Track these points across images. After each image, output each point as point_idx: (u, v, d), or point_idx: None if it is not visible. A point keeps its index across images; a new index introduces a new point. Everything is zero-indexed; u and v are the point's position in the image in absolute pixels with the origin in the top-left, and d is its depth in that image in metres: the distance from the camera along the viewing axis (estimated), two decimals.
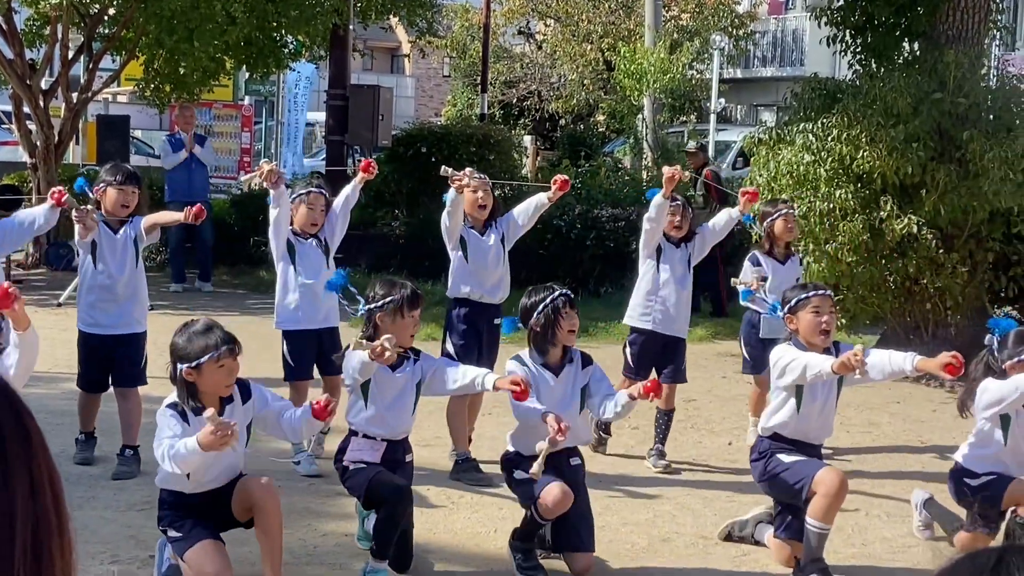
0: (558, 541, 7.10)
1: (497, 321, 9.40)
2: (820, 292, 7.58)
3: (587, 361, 7.40)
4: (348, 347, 6.99)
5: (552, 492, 6.71)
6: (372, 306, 7.06)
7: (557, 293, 7.26)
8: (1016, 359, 7.10)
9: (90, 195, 8.98)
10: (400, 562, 6.89)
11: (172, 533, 6.39)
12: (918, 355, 7.27)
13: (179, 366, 6.29)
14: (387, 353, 6.42)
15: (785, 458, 7.25)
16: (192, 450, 5.91)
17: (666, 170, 9.42)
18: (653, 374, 8.75)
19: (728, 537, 7.75)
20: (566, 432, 6.51)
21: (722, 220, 9.58)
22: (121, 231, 8.71)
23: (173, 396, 6.42)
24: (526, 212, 9.26)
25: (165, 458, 6.11)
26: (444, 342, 9.14)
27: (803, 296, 7.45)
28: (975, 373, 7.44)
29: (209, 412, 5.86)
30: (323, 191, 9.20)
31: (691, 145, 20.77)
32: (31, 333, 6.11)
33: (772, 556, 7.44)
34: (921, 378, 12.50)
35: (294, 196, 8.96)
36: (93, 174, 11.13)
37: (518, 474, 6.96)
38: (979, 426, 7.40)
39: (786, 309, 7.56)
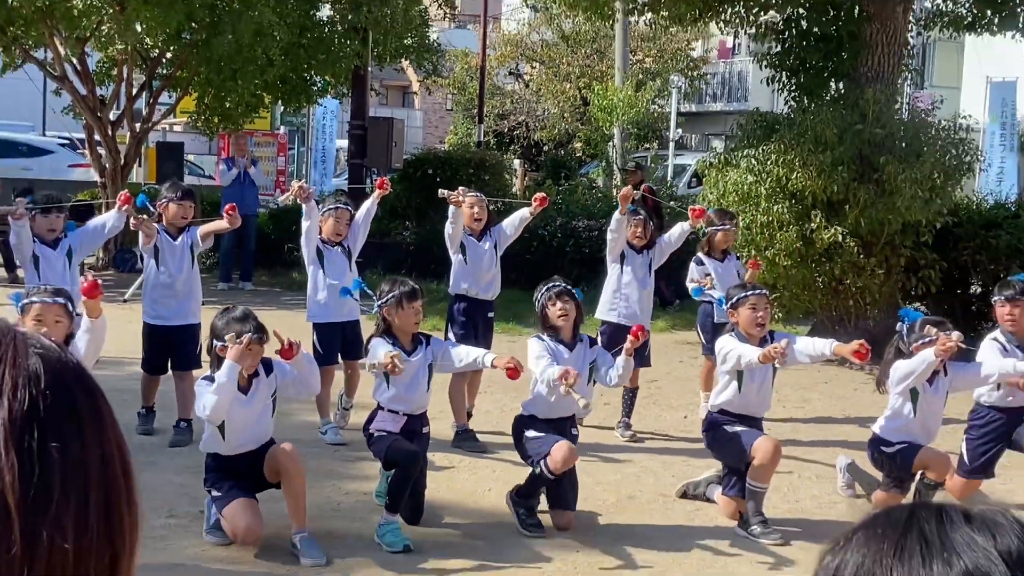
0: (549, 499, 7.13)
1: (491, 315, 9.51)
2: (757, 292, 7.72)
3: (593, 343, 7.52)
4: (369, 339, 7.10)
5: (562, 449, 6.77)
6: (379, 302, 7.14)
7: (550, 285, 7.37)
8: (920, 341, 7.15)
9: (150, 209, 9.01)
10: (413, 515, 6.94)
11: (214, 492, 6.47)
12: (836, 341, 7.39)
13: (215, 343, 6.40)
14: (397, 368, 6.56)
15: (730, 429, 7.33)
16: (227, 372, 6.13)
17: (623, 190, 9.68)
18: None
19: (684, 495, 7.79)
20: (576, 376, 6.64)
21: (676, 232, 9.67)
22: (180, 238, 8.79)
23: (207, 371, 6.54)
24: (513, 224, 9.45)
25: (206, 406, 6.24)
26: (446, 332, 9.16)
27: (743, 295, 7.56)
28: (888, 355, 7.50)
29: (230, 336, 6.12)
30: (348, 206, 9.29)
31: (630, 164, 20.90)
32: (101, 321, 6.28)
33: (720, 511, 7.47)
34: (844, 361, 12.48)
35: (323, 210, 9.03)
36: (153, 192, 11.09)
37: (530, 433, 7.05)
38: (892, 401, 7.44)
39: (728, 305, 7.70)
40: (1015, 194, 17.64)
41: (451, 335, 8.94)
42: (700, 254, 10.01)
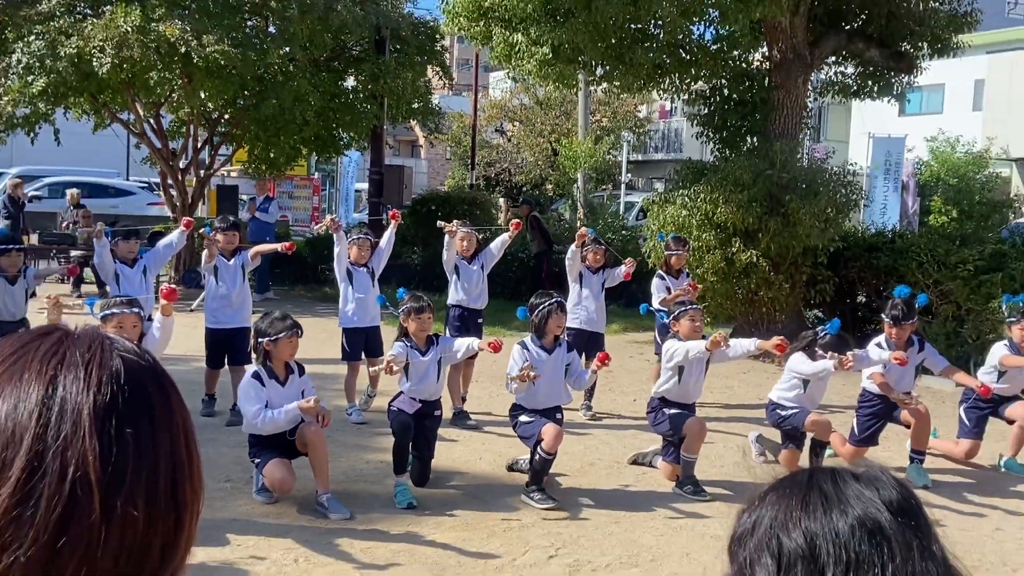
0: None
1: (480, 320, 9.54)
2: (694, 307, 7.73)
3: (570, 348, 7.46)
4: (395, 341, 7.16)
5: (549, 431, 6.74)
6: (396, 312, 7.27)
7: (552, 301, 7.26)
8: (829, 352, 7.20)
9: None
10: (421, 479, 6.96)
11: (256, 460, 6.50)
12: (759, 340, 7.39)
13: (260, 340, 6.49)
14: (395, 370, 6.70)
15: (668, 411, 7.38)
16: (291, 417, 6.26)
17: (581, 230, 9.73)
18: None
19: (634, 462, 7.83)
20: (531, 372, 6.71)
21: (619, 272, 9.61)
22: (233, 259, 8.84)
23: (252, 368, 6.59)
24: (497, 245, 9.56)
25: (259, 425, 6.32)
26: (446, 334, 9.19)
27: (683, 310, 7.57)
28: (796, 346, 7.54)
29: (311, 402, 6.23)
30: (369, 236, 9.37)
31: (522, 200, 21.17)
32: (171, 319, 6.43)
33: (662, 474, 7.48)
34: (759, 357, 12.58)
35: (350, 239, 9.08)
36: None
37: (523, 418, 6.99)
38: (788, 377, 7.58)
39: (671, 317, 7.70)
40: (893, 224, 17.72)
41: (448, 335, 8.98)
42: (660, 271, 10.05)
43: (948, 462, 8.22)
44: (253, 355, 6.68)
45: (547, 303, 7.21)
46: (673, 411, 7.39)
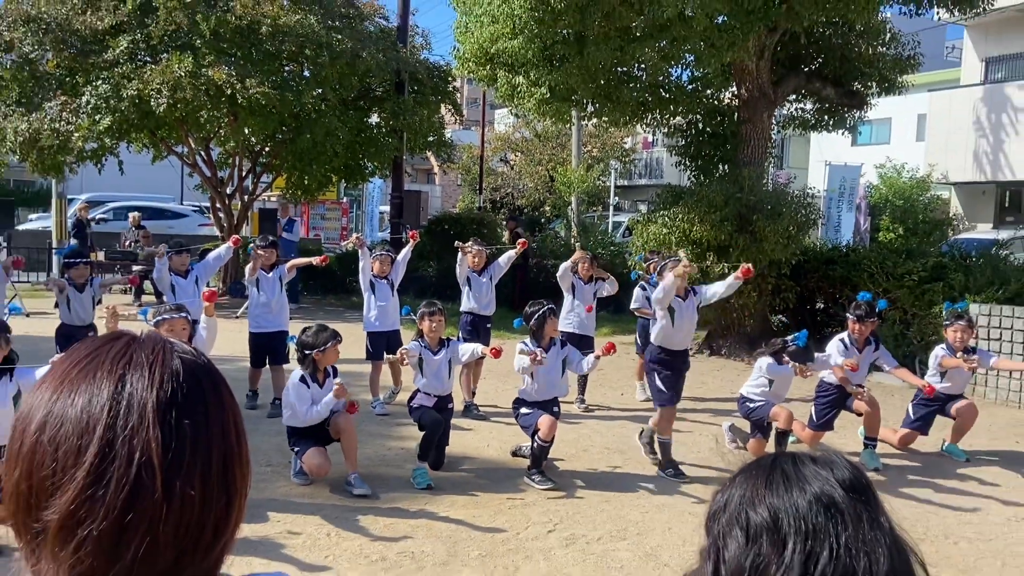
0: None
1: (489, 325, 9.54)
2: (674, 259, 7.54)
3: (564, 344, 7.41)
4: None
5: (545, 421, 6.75)
6: (414, 317, 7.26)
7: (546, 307, 7.18)
8: (800, 363, 7.17)
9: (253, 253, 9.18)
10: (437, 463, 6.94)
11: (296, 448, 6.52)
12: (733, 276, 7.31)
13: (308, 352, 6.48)
14: (405, 360, 6.84)
15: (659, 378, 7.25)
16: (327, 404, 6.29)
17: (578, 254, 9.73)
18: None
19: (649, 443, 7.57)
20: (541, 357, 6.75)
21: (608, 286, 9.57)
22: (272, 272, 8.87)
23: (298, 372, 6.57)
24: (505, 260, 9.53)
25: (309, 415, 6.37)
26: (459, 337, 9.19)
27: (666, 262, 7.62)
28: (766, 351, 7.47)
29: (337, 385, 6.31)
30: (390, 253, 9.39)
31: (508, 217, 21.25)
32: (214, 320, 6.46)
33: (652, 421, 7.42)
34: (731, 355, 12.60)
35: (373, 255, 9.12)
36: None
37: (523, 410, 6.99)
38: (756, 376, 7.50)
39: (657, 269, 7.73)
40: (847, 240, 17.72)
41: (460, 338, 8.97)
42: (642, 283, 9.85)
43: (897, 454, 8.21)
44: (300, 364, 6.61)
45: (541, 310, 7.15)
46: (661, 384, 7.24)
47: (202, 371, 1.05)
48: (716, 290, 7.46)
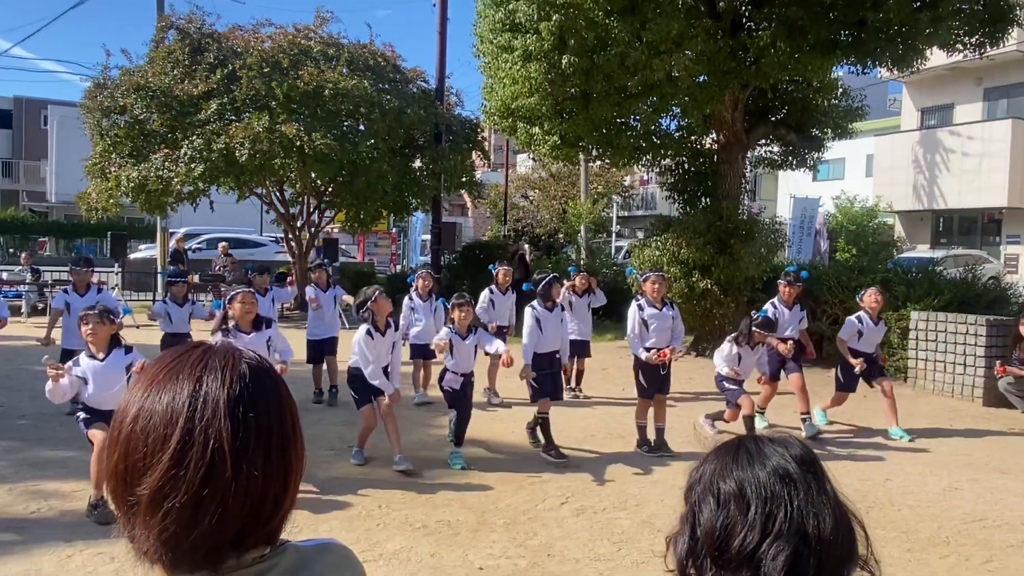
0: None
1: (507, 333, 9.39)
2: (658, 272, 7.39)
3: (563, 308, 7.41)
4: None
5: (545, 402, 6.89)
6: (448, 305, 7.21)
7: (551, 275, 7.20)
8: (769, 332, 7.21)
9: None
10: (458, 436, 6.81)
11: (355, 396, 6.53)
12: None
13: (366, 304, 6.47)
14: (442, 346, 6.67)
15: (643, 378, 7.11)
16: (379, 382, 6.35)
17: (578, 280, 9.50)
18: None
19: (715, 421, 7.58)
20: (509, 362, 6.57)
21: (598, 298, 9.56)
22: (328, 291, 8.95)
23: (364, 327, 6.50)
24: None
25: (370, 375, 6.35)
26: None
27: (647, 275, 7.31)
28: (737, 333, 7.32)
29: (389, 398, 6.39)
30: (431, 271, 9.38)
31: (513, 240, 21.22)
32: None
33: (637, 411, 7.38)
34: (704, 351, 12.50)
35: (417, 273, 9.17)
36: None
37: (535, 377, 6.95)
38: (725, 354, 7.28)
39: (642, 278, 7.44)
40: (808, 260, 17.58)
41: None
42: (638, 297, 9.69)
43: (852, 430, 8.11)
44: (366, 321, 6.52)
45: (547, 277, 7.18)
46: (645, 381, 7.10)
47: (264, 373, 1.07)
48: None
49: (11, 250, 33.17)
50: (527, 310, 7.10)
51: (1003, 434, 8.21)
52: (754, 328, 7.18)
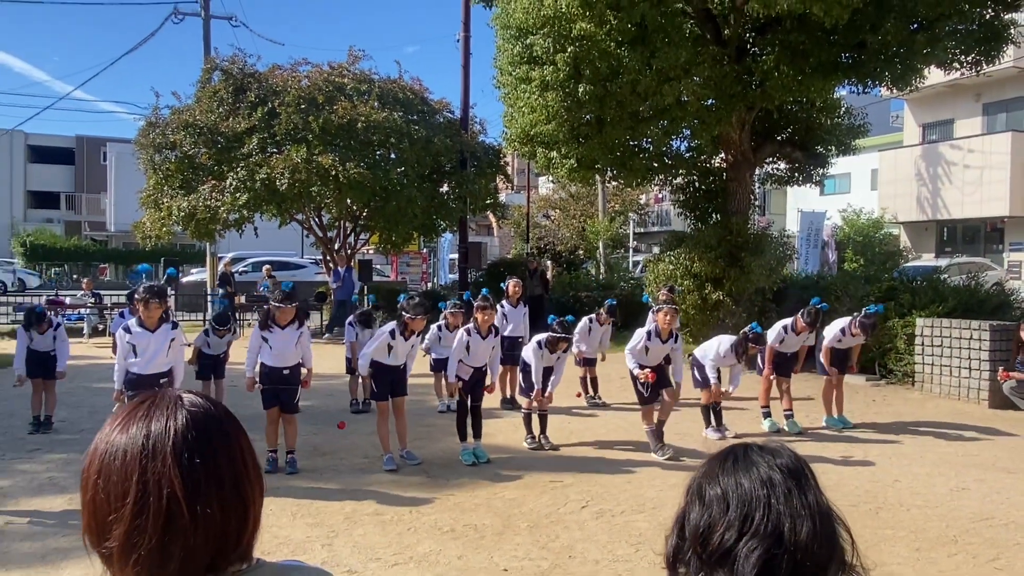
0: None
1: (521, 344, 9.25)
2: (669, 305, 7.48)
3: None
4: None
5: (537, 400, 7.09)
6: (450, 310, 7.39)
7: (558, 336, 7.10)
8: (759, 344, 7.38)
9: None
10: (477, 431, 6.83)
11: (374, 389, 6.61)
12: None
13: (404, 314, 6.49)
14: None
15: (640, 386, 7.12)
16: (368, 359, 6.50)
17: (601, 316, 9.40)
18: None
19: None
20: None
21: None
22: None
23: (390, 325, 6.61)
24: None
25: (369, 346, 6.57)
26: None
27: (660, 307, 7.36)
28: (736, 341, 7.53)
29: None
30: (460, 308, 8.16)
31: (532, 256, 21.15)
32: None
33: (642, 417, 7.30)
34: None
35: (448, 311, 8.19)
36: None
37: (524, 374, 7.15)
38: (714, 351, 7.52)
39: (655, 308, 7.50)
40: (815, 271, 17.37)
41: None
42: (649, 327, 9.41)
43: (862, 432, 7.95)
44: (397, 323, 6.56)
45: (555, 337, 7.08)
46: (641, 389, 7.13)
47: (207, 417, 1.06)
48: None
49: (74, 276, 33.84)
50: (533, 348, 7.26)
51: (1009, 435, 8.00)
52: (750, 344, 7.37)
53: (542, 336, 7.29)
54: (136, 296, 5.93)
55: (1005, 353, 9.30)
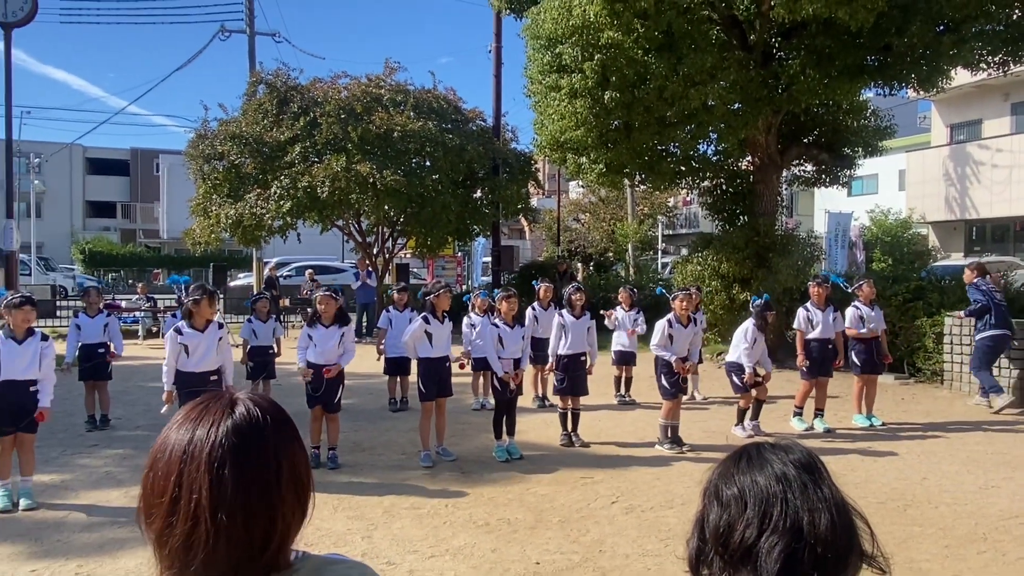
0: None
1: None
2: (685, 291, 7.38)
3: (592, 316, 7.38)
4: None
5: (566, 399, 7.09)
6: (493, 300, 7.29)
7: (572, 287, 7.22)
8: (770, 311, 7.54)
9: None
10: (511, 429, 6.84)
11: (422, 390, 6.60)
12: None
13: (428, 297, 6.67)
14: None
15: (667, 379, 7.07)
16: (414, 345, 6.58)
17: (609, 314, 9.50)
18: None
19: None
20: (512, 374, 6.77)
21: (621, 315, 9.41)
22: (404, 311, 8.83)
23: (420, 316, 6.73)
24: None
25: (406, 335, 6.68)
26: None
27: (676, 294, 7.30)
28: (752, 319, 7.49)
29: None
30: (490, 298, 8.71)
31: (559, 259, 21.02)
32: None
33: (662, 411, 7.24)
34: None
35: (479, 297, 8.72)
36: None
37: (557, 375, 7.16)
38: (740, 342, 7.45)
39: (671, 296, 7.38)
40: (843, 270, 17.06)
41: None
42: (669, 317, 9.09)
43: (889, 430, 7.78)
44: (424, 308, 6.70)
45: (571, 288, 7.22)
46: (666, 383, 7.08)
47: (251, 428, 1.05)
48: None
49: (130, 281, 34.64)
50: (555, 319, 7.28)
51: None
52: (764, 312, 7.39)
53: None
54: (188, 297, 6.06)
55: None
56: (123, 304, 17.41)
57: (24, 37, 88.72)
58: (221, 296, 19.69)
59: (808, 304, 7.95)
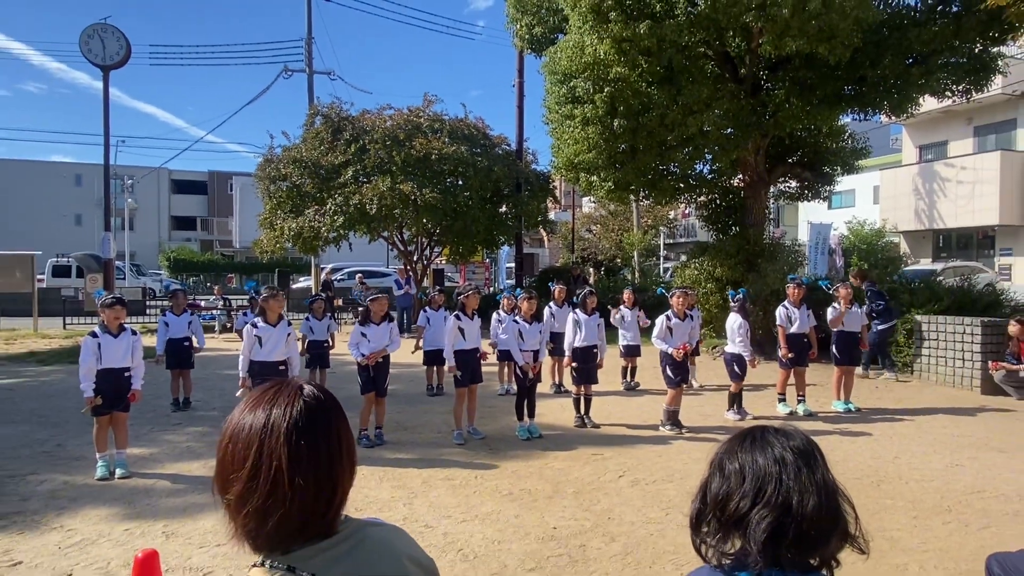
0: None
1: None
2: (682, 288, 7.23)
3: (602, 314, 7.23)
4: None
5: (579, 387, 6.98)
6: (517, 296, 7.14)
7: (586, 290, 7.09)
8: (750, 307, 7.39)
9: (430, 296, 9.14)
10: (532, 411, 6.77)
11: (457, 377, 6.52)
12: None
13: (459, 295, 6.59)
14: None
15: (671, 370, 6.93)
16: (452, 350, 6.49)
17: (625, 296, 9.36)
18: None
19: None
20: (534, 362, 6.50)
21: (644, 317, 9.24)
22: (439, 310, 8.79)
23: (453, 316, 6.64)
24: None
25: (445, 332, 6.59)
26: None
27: (673, 291, 7.16)
28: (733, 308, 7.33)
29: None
30: (514, 295, 8.73)
31: (575, 264, 20.74)
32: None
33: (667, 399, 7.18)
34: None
35: (507, 296, 8.65)
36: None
37: (575, 365, 6.97)
38: (734, 334, 7.22)
39: (669, 294, 7.21)
40: (823, 275, 16.79)
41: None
42: (668, 313, 8.82)
43: (865, 414, 7.65)
44: (456, 307, 6.59)
45: (584, 291, 7.09)
46: (671, 374, 6.93)
47: (318, 407, 1.08)
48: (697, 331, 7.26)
49: (208, 284, 35.20)
50: (569, 319, 7.12)
51: (1000, 417, 7.58)
52: (745, 304, 7.31)
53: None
54: (261, 296, 6.13)
55: (995, 346, 8.82)
56: (202, 304, 17.69)
57: (119, 77, 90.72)
58: (285, 297, 19.91)
59: (786, 302, 7.79)
